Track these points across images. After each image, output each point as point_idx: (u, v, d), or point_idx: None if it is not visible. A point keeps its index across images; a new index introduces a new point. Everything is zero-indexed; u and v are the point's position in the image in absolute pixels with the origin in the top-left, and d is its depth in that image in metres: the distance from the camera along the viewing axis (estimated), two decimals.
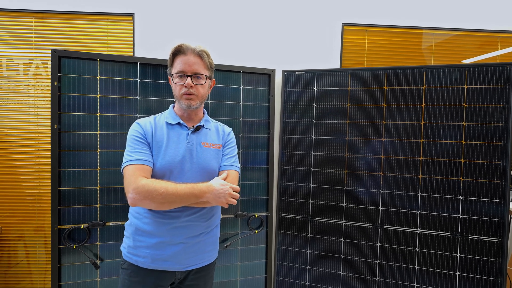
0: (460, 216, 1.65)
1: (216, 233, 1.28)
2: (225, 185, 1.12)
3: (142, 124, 1.16)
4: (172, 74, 1.16)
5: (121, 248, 1.20)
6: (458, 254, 1.65)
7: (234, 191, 1.14)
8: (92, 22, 1.97)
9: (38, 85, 1.95)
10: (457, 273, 1.65)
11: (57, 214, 1.58)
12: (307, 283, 1.90)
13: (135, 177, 1.05)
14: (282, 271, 1.94)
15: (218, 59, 1.94)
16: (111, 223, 1.66)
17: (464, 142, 1.65)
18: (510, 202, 1.77)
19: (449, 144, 1.67)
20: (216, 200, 1.10)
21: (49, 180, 1.60)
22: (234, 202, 1.14)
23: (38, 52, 1.94)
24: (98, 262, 1.65)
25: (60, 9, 1.91)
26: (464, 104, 1.65)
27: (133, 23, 1.94)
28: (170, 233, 1.12)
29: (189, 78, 1.13)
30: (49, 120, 1.58)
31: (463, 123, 1.65)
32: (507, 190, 1.58)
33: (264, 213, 1.92)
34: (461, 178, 1.65)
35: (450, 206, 1.67)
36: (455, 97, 1.66)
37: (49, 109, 1.58)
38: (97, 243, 1.65)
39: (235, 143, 1.33)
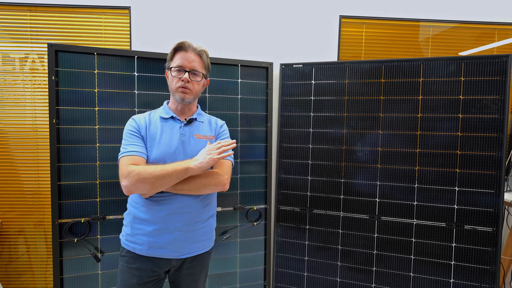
0: (456, 207, 1.68)
1: (211, 223, 1.29)
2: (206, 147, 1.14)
3: (137, 119, 1.22)
4: (171, 68, 1.21)
5: (120, 236, 1.25)
6: (454, 244, 1.69)
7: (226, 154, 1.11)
8: (88, 15, 1.94)
9: (35, 80, 1.94)
10: (452, 262, 1.69)
11: (57, 208, 1.60)
12: (305, 274, 1.93)
13: (126, 166, 1.09)
14: (280, 262, 1.97)
15: (215, 53, 1.94)
16: (111, 217, 1.67)
17: (460, 134, 1.67)
18: (505, 193, 1.80)
19: (446, 136, 1.69)
20: (207, 160, 1.08)
21: (48, 175, 1.60)
22: (228, 153, 1.10)
23: (34, 46, 1.92)
24: (99, 255, 1.67)
25: (55, 2, 1.89)
26: (460, 96, 1.66)
27: (130, 16, 1.93)
28: (166, 220, 1.14)
29: (187, 73, 1.19)
30: (47, 115, 1.58)
31: (460, 115, 1.66)
32: (502, 181, 1.60)
33: (262, 206, 1.94)
34: (457, 170, 1.67)
35: (446, 197, 1.69)
36: (451, 89, 1.67)
37: (47, 104, 1.58)
38: (98, 236, 1.67)
39: (228, 135, 1.36)
